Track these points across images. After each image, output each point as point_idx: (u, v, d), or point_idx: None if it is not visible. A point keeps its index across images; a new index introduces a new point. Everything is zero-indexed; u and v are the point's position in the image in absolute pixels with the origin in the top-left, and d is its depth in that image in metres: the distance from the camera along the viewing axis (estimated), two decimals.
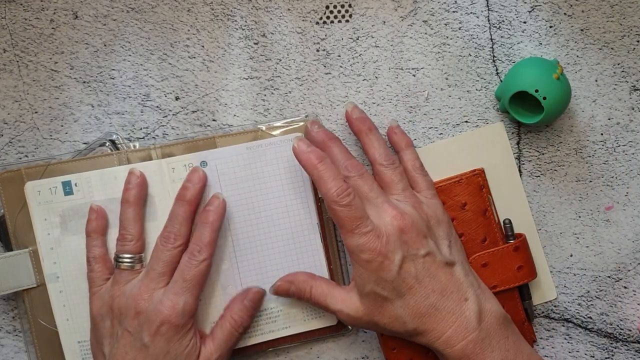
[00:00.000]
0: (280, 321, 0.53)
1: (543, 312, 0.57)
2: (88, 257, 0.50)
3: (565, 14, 0.57)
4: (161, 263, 0.48)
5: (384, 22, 0.56)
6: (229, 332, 0.50)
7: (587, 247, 0.57)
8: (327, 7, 0.56)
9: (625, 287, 0.57)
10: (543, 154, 0.56)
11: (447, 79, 0.56)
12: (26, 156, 0.55)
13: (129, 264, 0.49)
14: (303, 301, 0.52)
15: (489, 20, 0.56)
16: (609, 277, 0.57)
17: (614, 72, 0.56)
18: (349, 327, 0.55)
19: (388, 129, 0.55)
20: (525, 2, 0.56)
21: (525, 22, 0.56)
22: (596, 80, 0.57)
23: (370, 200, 0.49)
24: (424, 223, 0.50)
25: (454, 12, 0.56)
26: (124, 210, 0.50)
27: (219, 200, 0.51)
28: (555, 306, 0.57)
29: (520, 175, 0.57)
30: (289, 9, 0.56)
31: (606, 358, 0.57)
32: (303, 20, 0.56)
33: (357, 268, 0.48)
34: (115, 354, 0.47)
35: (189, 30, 0.55)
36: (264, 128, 0.54)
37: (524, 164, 0.57)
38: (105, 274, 0.50)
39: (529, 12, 0.56)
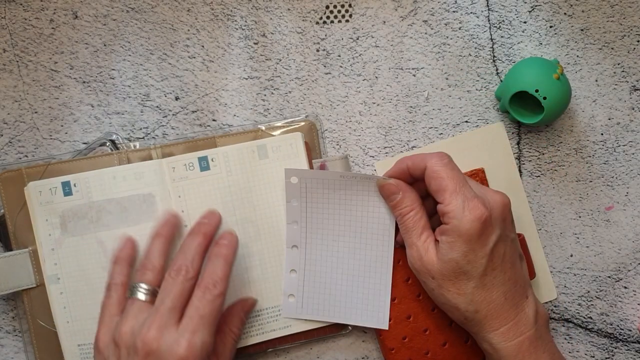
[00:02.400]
0: (281, 320, 0.53)
1: None
2: (109, 282, 0.48)
3: (565, 13, 0.56)
4: (172, 296, 0.45)
5: (384, 22, 0.56)
6: (232, 345, 0.50)
7: (587, 247, 0.57)
8: (327, 7, 0.56)
9: (625, 287, 0.57)
10: (543, 154, 0.56)
11: (447, 78, 0.56)
12: (26, 156, 0.55)
13: (144, 293, 0.46)
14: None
15: (489, 20, 0.56)
16: (609, 277, 0.57)
17: (614, 72, 0.56)
18: (348, 328, 0.54)
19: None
20: (526, 2, 0.56)
21: (525, 22, 0.56)
22: (596, 80, 0.56)
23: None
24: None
25: (454, 12, 0.56)
26: (153, 242, 0.49)
27: (231, 236, 0.48)
28: (555, 306, 0.56)
29: (521, 175, 0.56)
30: (289, 9, 0.56)
31: (606, 358, 0.56)
32: (303, 20, 0.56)
33: (450, 233, 0.46)
34: None
35: (188, 30, 0.55)
36: (264, 128, 0.54)
37: (524, 164, 0.56)
38: (120, 302, 0.48)
39: (529, 12, 0.56)
